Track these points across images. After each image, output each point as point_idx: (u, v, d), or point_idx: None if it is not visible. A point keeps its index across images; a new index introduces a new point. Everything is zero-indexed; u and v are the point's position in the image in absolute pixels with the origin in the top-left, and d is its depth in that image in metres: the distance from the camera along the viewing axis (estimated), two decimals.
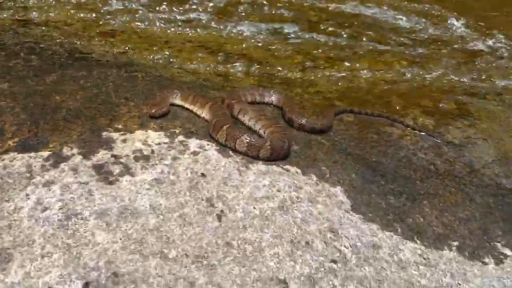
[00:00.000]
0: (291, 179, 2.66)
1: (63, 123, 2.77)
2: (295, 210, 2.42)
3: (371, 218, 2.61)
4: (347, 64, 4.90)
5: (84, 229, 2.06)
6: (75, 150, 2.54)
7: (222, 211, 2.29)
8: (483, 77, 5.04)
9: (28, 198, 2.18)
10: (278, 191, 2.52)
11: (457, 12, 6.35)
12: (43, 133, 2.65)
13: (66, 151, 2.52)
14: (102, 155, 2.53)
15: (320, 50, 5.12)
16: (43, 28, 4.65)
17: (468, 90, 4.74)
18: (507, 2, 7.24)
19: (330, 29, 5.64)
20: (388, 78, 4.74)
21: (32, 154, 2.47)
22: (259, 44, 5.10)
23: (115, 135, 2.73)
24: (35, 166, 2.38)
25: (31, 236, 1.99)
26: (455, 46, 5.66)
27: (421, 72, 4.95)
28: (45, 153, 2.48)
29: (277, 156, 2.79)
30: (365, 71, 4.79)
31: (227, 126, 2.82)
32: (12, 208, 2.12)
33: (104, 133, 2.73)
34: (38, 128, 2.69)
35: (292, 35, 5.43)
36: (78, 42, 4.38)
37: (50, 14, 5.05)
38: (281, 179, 2.62)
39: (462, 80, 4.92)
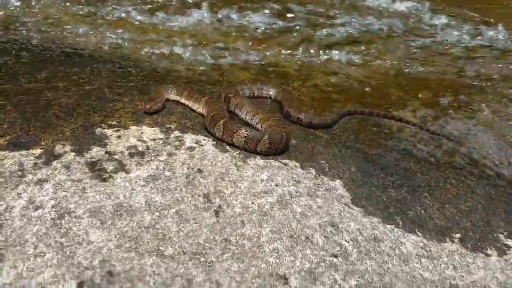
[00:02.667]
0: (290, 174, 2.60)
1: (55, 120, 2.70)
2: (294, 204, 2.36)
3: (371, 211, 2.56)
4: None
5: (78, 228, 2.00)
6: (67, 147, 2.48)
7: (219, 206, 2.23)
8: None
9: (20, 197, 2.12)
10: (277, 185, 2.46)
11: None
12: (35, 131, 2.59)
13: (58, 148, 2.46)
14: (95, 152, 2.47)
15: None
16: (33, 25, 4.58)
17: None
18: None
19: None
20: None
21: (24, 152, 2.40)
22: None
23: (109, 131, 2.67)
24: (27, 165, 2.31)
25: (23, 236, 1.93)
26: None
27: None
28: (37, 151, 2.42)
29: (275, 150, 2.74)
30: None
31: (224, 120, 2.76)
32: (4, 207, 2.05)
33: (98, 130, 2.67)
34: (30, 126, 2.62)
35: None
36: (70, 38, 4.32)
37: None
38: (280, 173, 2.57)
39: None
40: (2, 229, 1.95)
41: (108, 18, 5.04)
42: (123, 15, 5.13)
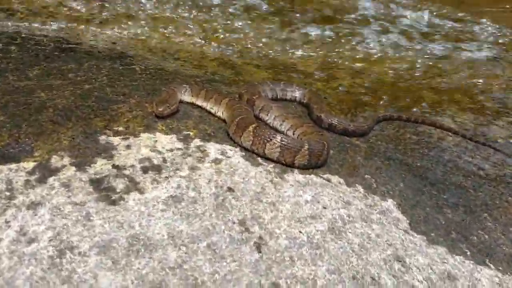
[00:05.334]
0: (336, 192, 2.17)
1: (50, 126, 2.23)
2: (349, 233, 1.92)
3: (434, 239, 2.14)
4: None
5: (83, 269, 1.53)
6: (66, 160, 2.01)
7: (260, 237, 1.79)
8: None
9: (9, 226, 1.65)
10: (324, 208, 2.02)
11: None
12: (26, 139, 2.11)
13: (55, 161, 1.99)
14: (101, 166, 2.01)
15: None
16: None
17: None
18: None
19: None
20: None
21: (13, 165, 1.93)
22: None
23: (115, 139, 2.21)
24: (16, 182, 1.84)
25: (13, 281, 1.46)
26: None
27: None
28: (29, 164, 1.95)
29: (316, 163, 2.30)
30: None
31: (254, 126, 2.31)
32: None
33: (102, 137, 2.21)
34: (20, 132, 2.15)
35: None
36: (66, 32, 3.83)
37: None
38: (325, 192, 2.13)
39: None
40: None
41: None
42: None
